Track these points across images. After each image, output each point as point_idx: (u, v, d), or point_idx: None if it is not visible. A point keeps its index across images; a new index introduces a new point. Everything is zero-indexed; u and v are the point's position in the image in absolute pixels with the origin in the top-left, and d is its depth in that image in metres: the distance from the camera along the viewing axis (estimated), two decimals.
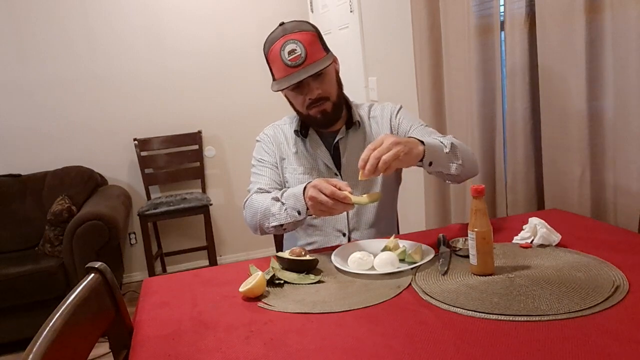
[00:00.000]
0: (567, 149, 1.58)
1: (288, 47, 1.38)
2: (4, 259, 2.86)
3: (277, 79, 1.44)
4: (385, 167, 1.17)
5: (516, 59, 1.71)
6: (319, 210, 1.25)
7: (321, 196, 1.21)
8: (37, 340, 0.77)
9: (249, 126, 3.68)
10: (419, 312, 0.96)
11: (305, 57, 1.38)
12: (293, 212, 1.33)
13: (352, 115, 1.55)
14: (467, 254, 1.12)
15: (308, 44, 1.39)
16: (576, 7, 1.46)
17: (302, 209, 1.30)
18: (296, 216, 1.32)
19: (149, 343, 0.95)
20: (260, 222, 1.42)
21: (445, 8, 2.02)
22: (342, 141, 1.55)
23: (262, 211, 1.41)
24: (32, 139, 3.37)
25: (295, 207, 1.32)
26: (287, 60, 1.38)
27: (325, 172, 1.52)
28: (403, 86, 2.52)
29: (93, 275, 1.00)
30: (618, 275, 1.02)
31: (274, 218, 1.37)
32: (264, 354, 0.86)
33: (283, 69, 1.40)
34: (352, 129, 1.55)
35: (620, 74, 1.38)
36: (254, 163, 1.59)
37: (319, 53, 1.42)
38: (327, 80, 1.45)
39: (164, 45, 3.53)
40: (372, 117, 1.60)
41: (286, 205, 1.34)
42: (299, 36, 1.39)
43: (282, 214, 1.35)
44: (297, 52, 1.37)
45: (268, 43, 1.45)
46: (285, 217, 1.35)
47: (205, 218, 3.30)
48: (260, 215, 1.41)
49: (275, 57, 1.41)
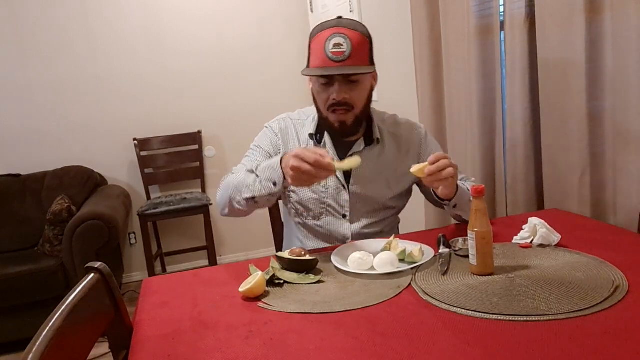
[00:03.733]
0: (567, 149, 1.58)
1: (335, 39, 1.31)
2: (4, 259, 2.86)
3: (312, 66, 1.36)
4: (449, 175, 1.21)
5: (516, 59, 1.71)
6: (300, 180, 1.21)
7: (305, 165, 1.17)
8: (37, 340, 0.77)
9: (249, 126, 3.67)
10: (419, 312, 0.96)
11: (348, 57, 1.31)
12: (268, 184, 1.29)
13: (373, 131, 1.48)
14: (467, 254, 1.12)
15: (356, 45, 1.32)
16: (576, 7, 1.46)
17: (278, 179, 1.27)
18: (271, 188, 1.29)
19: (149, 343, 0.95)
20: (232, 196, 1.37)
21: (445, 8, 2.02)
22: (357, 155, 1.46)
23: (234, 185, 1.37)
24: (32, 139, 3.37)
25: (271, 179, 1.28)
26: (329, 52, 1.31)
27: (332, 183, 1.47)
28: (403, 86, 2.52)
29: (93, 275, 1.00)
30: (618, 276, 1.02)
31: (247, 189, 1.32)
32: (264, 354, 0.86)
33: (322, 59, 1.32)
34: (370, 146, 1.48)
35: (620, 74, 1.38)
36: (252, 147, 1.52)
37: (363, 59, 1.35)
38: (358, 89, 1.38)
39: (164, 45, 3.53)
40: (393, 133, 1.51)
41: (261, 177, 1.30)
42: (351, 34, 1.32)
43: (257, 185, 1.31)
44: (342, 47, 1.30)
45: (317, 29, 1.37)
46: (259, 189, 1.31)
47: (205, 218, 3.30)
48: (233, 189, 1.37)
49: (319, 44, 1.33)
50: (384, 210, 1.52)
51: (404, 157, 1.50)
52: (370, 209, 1.49)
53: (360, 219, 1.49)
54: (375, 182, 1.48)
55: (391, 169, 1.49)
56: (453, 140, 2.12)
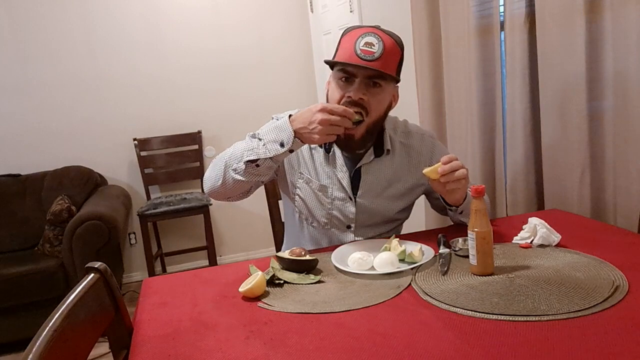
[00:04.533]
0: (567, 149, 1.58)
1: (368, 38, 1.26)
2: (4, 259, 2.86)
3: (337, 59, 1.30)
4: (461, 177, 1.20)
5: (516, 59, 1.71)
6: (328, 134, 1.19)
7: (333, 117, 1.17)
8: (37, 340, 0.77)
9: (249, 126, 3.66)
10: (419, 312, 0.96)
11: (377, 58, 1.25)
12: (274, 146, 1.23)
13: (384, 142, 1.43)
14: (467, 254, 1.12)
15: (388, 50, 1.27)
16: (576, 7, 1.46)
17: (287, 139, 1.22)
18: (277, 149, 1.23)
19: (149, 343, 0.95)
20: (228, 163, 1.30)
21: (445, 8, 2.02)
22: (365, 167, 1.43)
23: (231, 153, 1.30)
24: (32, 139, 3.37)
25: (277, 140, 1.23)
26: (359, 49, 1.25)
27: (339, 193, 1.43)
28: (403, 86, 2.52)
29: (93, 275, 1.00)
30: (618, 276, 1.02)
31: (250, 152, 1.25)
32: (264, 354, 0.86)
33: (349, 54, 1.26)
34: (380, 156, 1.43)
35: (620, 74, 1.39)
36: (252, 133, 1.33)
37: (391, 67, 1.29)
38: (378, 96, 1.31)
39: (164, 45, 3.53)
40: (404, 144, 1.46)
41: (265, 140, 1.25)
42: (386, 38, 1.27)
43: (261, 148, 1.25)
44: (373, 47, 1.25)
45: (353, 27, 1.32)
46: (264, 152, 1.24)
47: (205, 218, 3.30)
48: (228, 157, 1.30)
49: (350, 40, 1.28)
50: (389, 222, 1.50)
51: (413, 169, 1.46)
52: (375, 221, 1.47)
53: (365, 231, 1.47)
54: (383, 195, 1.45)
55: (401, 182, 1.46)
56: (453, 140, 2.12)
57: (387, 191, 1.45)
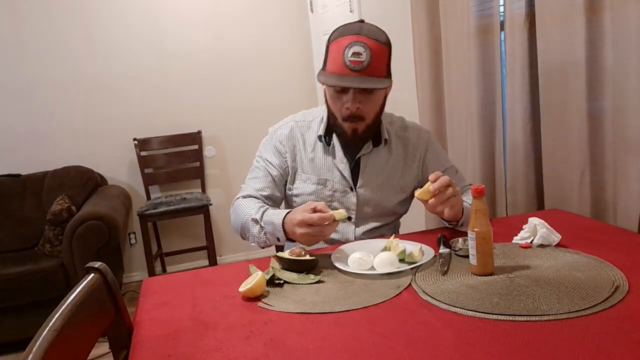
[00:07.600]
0: (567, 149, 1.58)
1: (355, 47, 1.30)
2: (4, 259, 2.85)
3: (328, 71, 1.36)
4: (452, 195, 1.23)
5: (516, 59, 1.71)
6: (310, 242, 1.28)
7: (312, 229, 1.23)
8: (37, 340, 0.77)
9: (249, 126, 3.69)
10: (419, 312, 0.96)
11: (366, 67, 1.30)
12: (272, 238, 1.37)
13: (381, 132, 1.48)
14: (467, 254, 1.12)
15: (376, 55, 1.31)
16: (576, 7, 1.46)
17: (281, 238, 1.34)
18: (276, 241, 1.37)
19: (149, 343, 0.95)
20: (242, 232, 1.46)
21: (445, 8, 2.02)
22: (365, 157, 1.48)
23: (243, 223, 1.43)
24: (32, 139, 3.37)
25: (274, 235, 1.35)
26: (347, 60, 1.30)
27: (340, 185, 1.47)
28: (403, 86, 2.52)
29: (93, 275, 1.00)
30: (618, 276, 1.02)
31: (253, 238, 1.41)
32: (264, 354, 0.86)
33: (339, 66, 1.32)
34: (378, 146, 1.48)
35: (620, 74, 1.39)
36: (257, 158, 1.54)
37: (381, 71, 1.34)
38: (372, 101, 1.38)
39: (164, 45, 3.53)
40: (401, 137, 1.52)
41: (265, 229, 1.37)
42: (372, 43, 1.31)
43: (262, 237, 1.38)
44: (361, 57, 1.30)
45: (338, 33, 1.35)
46: (264, 240, 1.39)
47: (205, 218, 3.29)
48: (242, 227, 1.45)
49: (338, 50, 1.32)
50: (389, 215, 1.53)
51: (410, 162, 1.51)
52: (376, 212, 1.50)
53: (366, 222, 1.49)
54: (383, 186, 1.48)
55: (398, 174, 1.50)
56: (453, 140, 2.12)
57: (387, 182, 1.49)
